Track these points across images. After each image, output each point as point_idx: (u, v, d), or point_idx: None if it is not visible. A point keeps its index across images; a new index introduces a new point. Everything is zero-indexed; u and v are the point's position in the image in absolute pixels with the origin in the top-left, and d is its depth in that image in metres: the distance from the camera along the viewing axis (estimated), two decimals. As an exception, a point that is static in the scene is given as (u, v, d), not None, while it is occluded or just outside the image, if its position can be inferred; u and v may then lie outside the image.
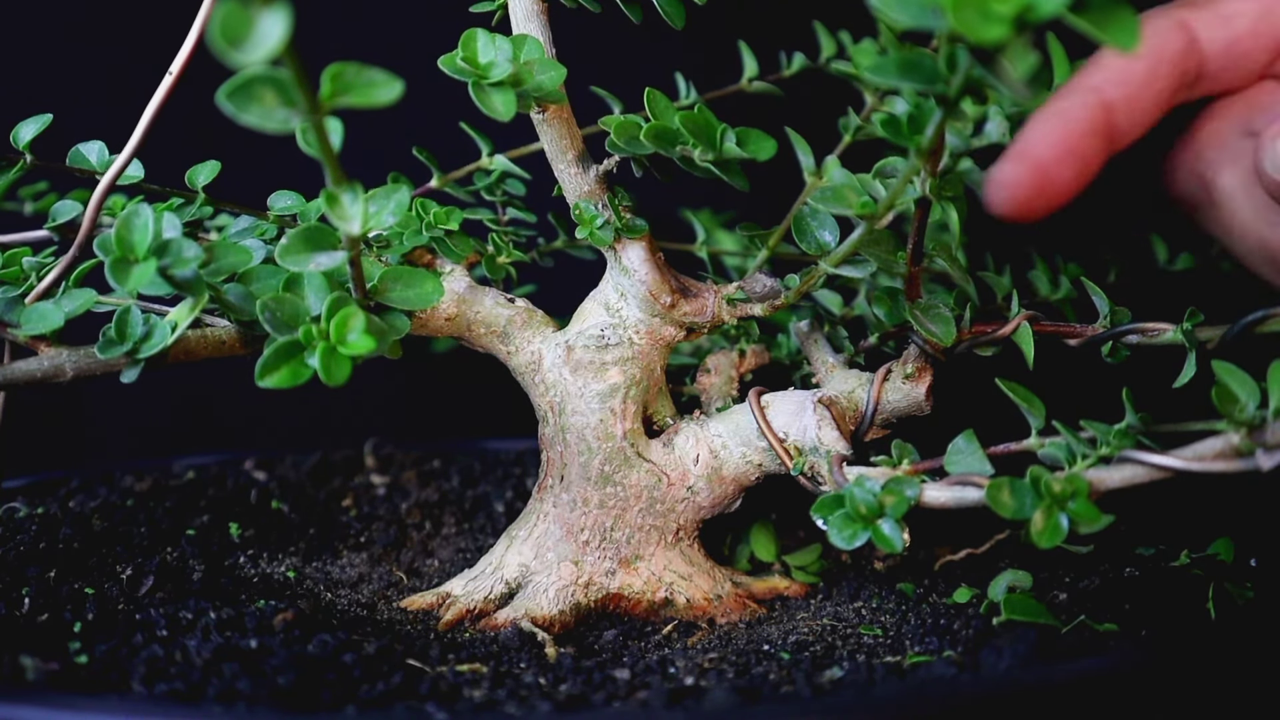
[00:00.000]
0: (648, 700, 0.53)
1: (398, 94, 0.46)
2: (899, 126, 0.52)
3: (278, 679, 0.52)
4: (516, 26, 0.63)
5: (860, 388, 0.66)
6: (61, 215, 0.67)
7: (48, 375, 0.57)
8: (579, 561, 0.67)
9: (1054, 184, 0.60)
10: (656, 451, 0.68)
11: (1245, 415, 0.50)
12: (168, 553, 0.71)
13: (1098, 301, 0.63)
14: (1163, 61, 0.62)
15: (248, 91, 0.44)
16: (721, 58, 0.82)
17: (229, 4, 0.41)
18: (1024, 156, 0.60)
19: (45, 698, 0.49)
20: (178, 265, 0.55)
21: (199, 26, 0.57)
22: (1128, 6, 0.41)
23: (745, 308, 0.67)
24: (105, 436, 1.17)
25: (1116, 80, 0.61)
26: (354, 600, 0.70)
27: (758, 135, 0.61)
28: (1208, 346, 0.60)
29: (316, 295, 0.55)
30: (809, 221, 0.63)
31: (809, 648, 0.61)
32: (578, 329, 0.68)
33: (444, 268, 0.69)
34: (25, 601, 0.61)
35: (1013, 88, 0.44)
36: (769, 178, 0.65)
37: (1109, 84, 0.61)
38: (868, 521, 0.55)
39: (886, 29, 0.68)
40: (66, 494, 0.82)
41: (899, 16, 0.42)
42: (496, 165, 0.76)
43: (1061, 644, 0.56)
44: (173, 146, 0.68)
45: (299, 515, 0.81)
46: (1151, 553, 0.70)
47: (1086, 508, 0.52)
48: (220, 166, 0.69)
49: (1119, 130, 0.62)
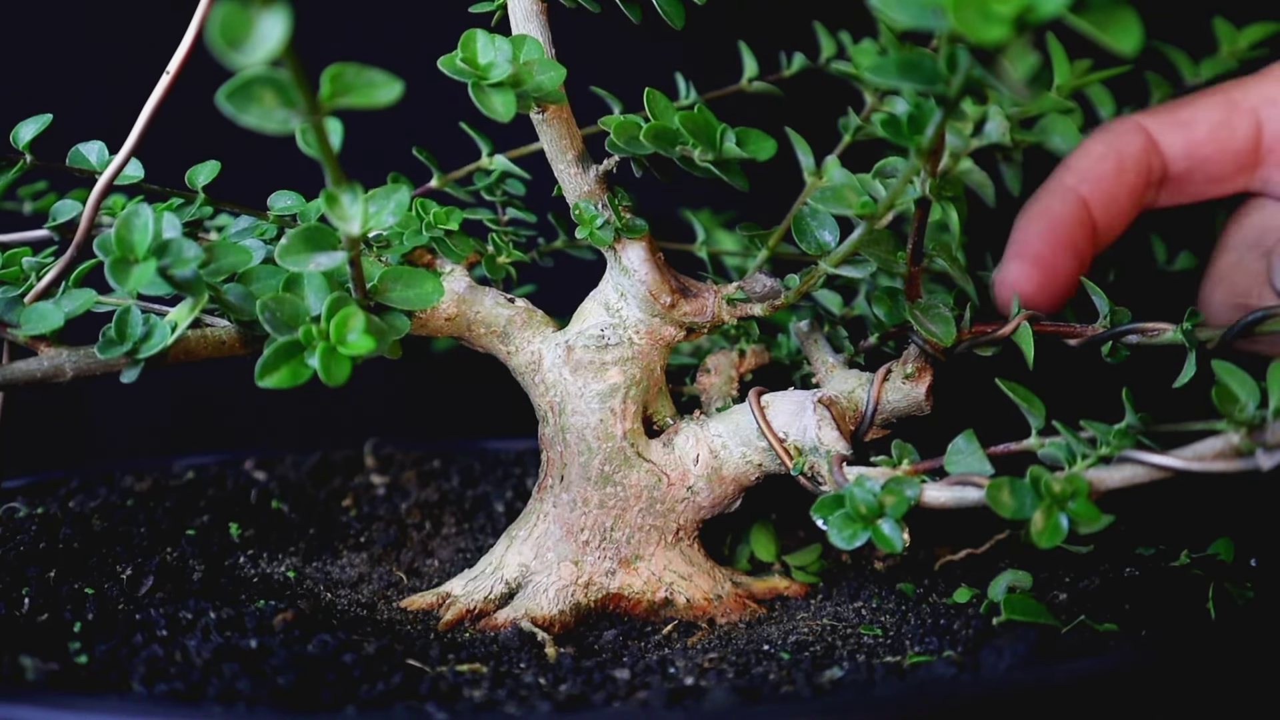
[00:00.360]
0: (648, 700, 0.53)
1: (398, 94, 0.46)
2: (899, 126, 0.52)
3: (278, 679, 0.52)
4: (516, 27, 0.63)
5: (860, 388, 0.66)
6: (61, 215, 0.67)
7: (48, 375, 0.57)
8: (579, 561, 0.67)
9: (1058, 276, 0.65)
10: (656, 451, 0.68)
11: (1245, 415, 0.50)
12: (168, 553, 0.71)
13: (1098, 301, 0.63)
14: (1125, 158, 0.67)
15: (247, 92, 0.44)
16: (721, 58, 0.82)
17: (228, 4, 0.40)
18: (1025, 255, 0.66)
19: (45, 698, 0.49)
20: (178, 265, 0.55)
21: (196, 25, 0.57)
22: (1128, 7, 0.41)
23: (745, 308, 0.67)
24: (105, 436, 1.17)
25: (1088, 179, 0.67)
26: (354, 600, 0.70)
27: (758, 135, 0.61)
28: (1208, 346, 0.60)
29: (316, 295, 0.55)
30: (809, 221, 0.63)
31: (809, 648, 0.61)
32: (578, 329, 0.68)
33: (444, 268, 0.69)
34: (25, 601, 0.61)
35: (1013, 88, 0.44)
36: (769, 178, 0.65)
37: (1083, 183, 0.67)
38: (868, 521, 0.55)
39: (886, 29, 0.68)
40: (66, 494, 0.82)
41: (899, 17, 0.42)
42: (496, 165, 0.76)
43: (1061, 644, 0.56)
44: (173, 146, 0.68)
45: (299, 515, 0.81)
46: (1151, 553, 0.70)
47: (1086, 508, 0.52)
48: (220, 166, 0.69)
49: (1100, 225, 0.67)
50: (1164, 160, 0.68)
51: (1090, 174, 0.67)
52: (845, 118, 0.69)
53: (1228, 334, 0.59)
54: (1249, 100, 0.68)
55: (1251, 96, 0.68)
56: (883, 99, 0.68)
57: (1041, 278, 0.65)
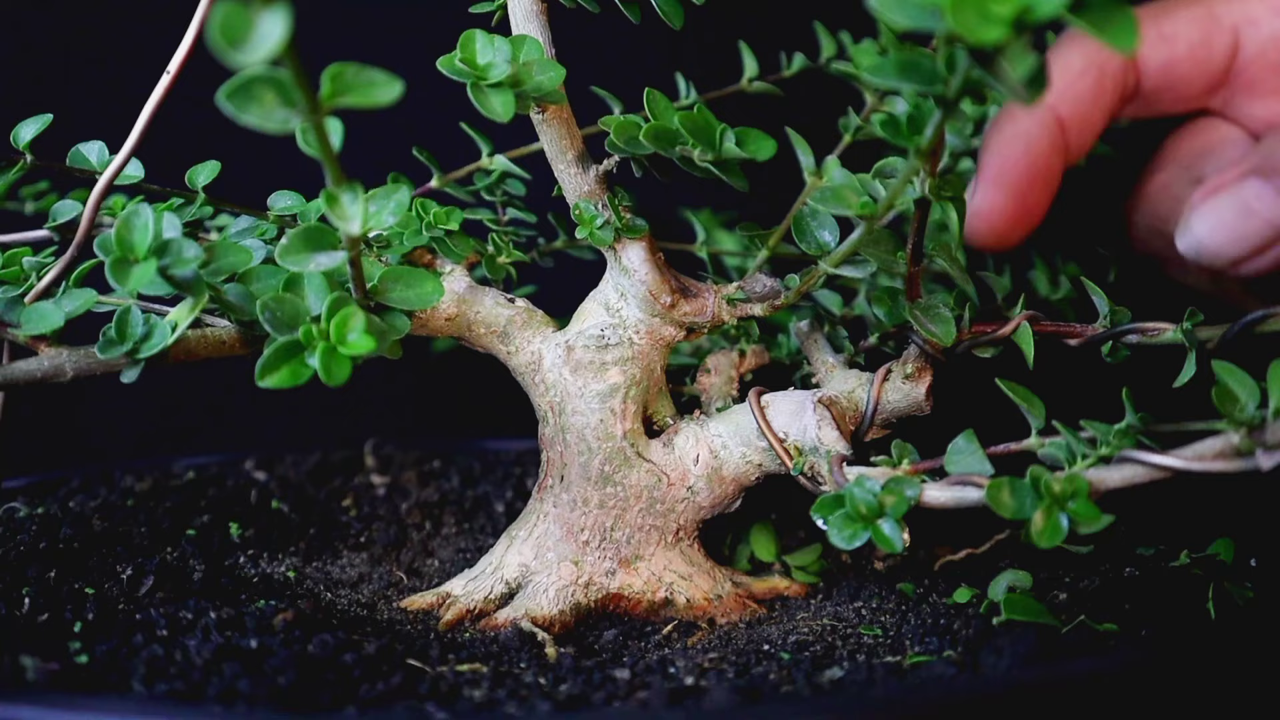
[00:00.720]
0: (648, 700, 0.53)
1: (398, 94, 0.46)
2: (899, 127, 0.52)
3: (278, 679, 0.52)
4: (516, 27, 0.63)
5: (860, 388, 0.66)
6: (61, 215, 0.67)
7: (48, 375, 0.57)
8: (579, 561, 0.67)
9: (1032, 206, 0.61)
10: (656, 451, 0.68)
11: (1245, 415, 0.50)
12: (168, 553, 0.71)
13: (1098, 301, 0.63)
14: (1106, 76, 0.63)
15: (248, 92, 0.44)
16: (721, 58, 0.82)
17: (229, 4, 0.41)
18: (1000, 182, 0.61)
19: (45, 698, 0.49)
20: (178, 265, 0.55)
21: (196, 25, 0.57)
22: (1127, 7, 0.41)
23: (745, 308, 0.67)
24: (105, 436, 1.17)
25: (1067, 97, 0.62)
26: (354, 600, 0.70)
27: (757, 135, 0.61)
28: (1208, 346, 0.60)
29: (316, 295, 0.55)
30: (809, 221, 0.63)
31: (809, 648, 0.61)
32: (578, 329, 0.68)
33: (444, 268, 0.69)
34: (25, 601, 0.61)
35: (1012, 89, 0.44)
36: (769, 178, 0.65)
37: (1061, 102, 0.62)
38: (868, 521, 0.55)
39: (886, 30, 0.68)
40: (66, 494, 0.82)
41: (898, 17, 0.42)
42: (496, 165, 0.76)
43: (1061, 644, 0.56)
44: (173, 146, 0.68)
45: (299, 515, 0.81)
46: (1151, 553, 0.70)
47: (1086, 507, 0.52)
48: (220, 166, 0.69)
49: (1072, 147, 0.63)
50: (1139, 75, 0.64)
51: (1069, 92, 0.62)
52: (845, 118, 0.69)
53: (1228, 334, 0.59)
54: (1230, 17, 0.64)
55: (1234, 14, 0.64)
56: (883, 99, 0.68)
57: (1016, 210, 0.61)
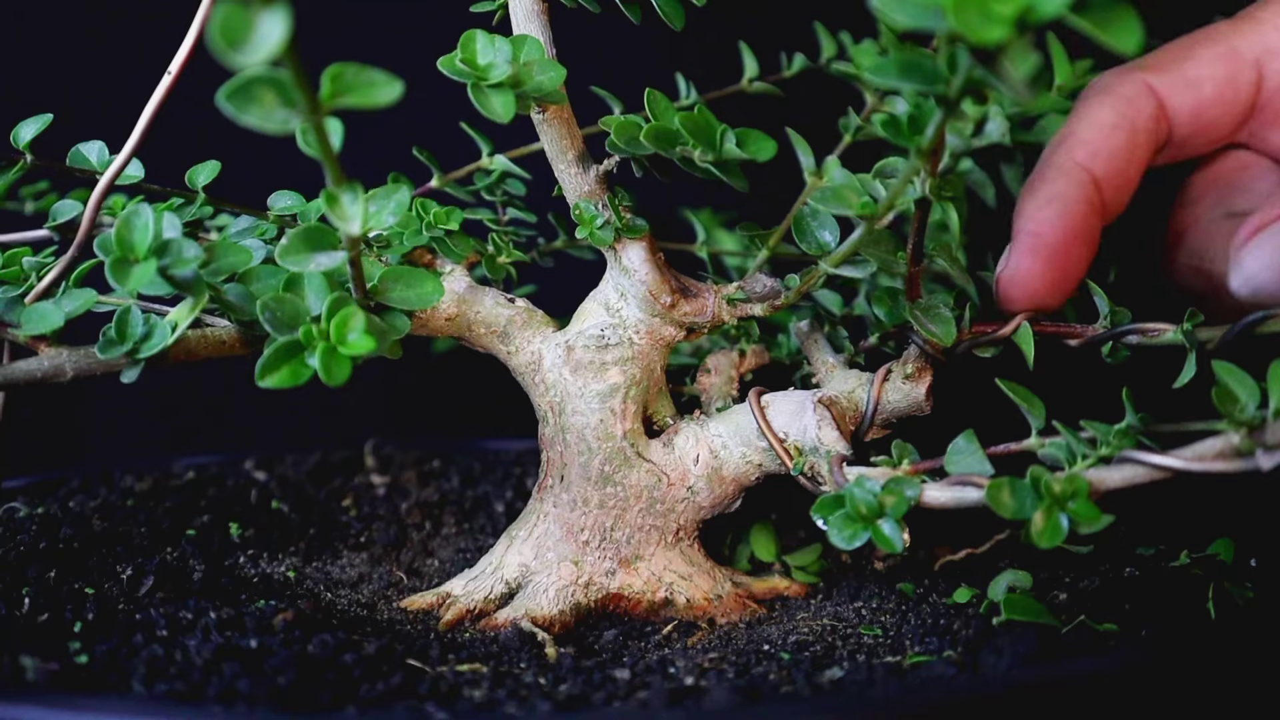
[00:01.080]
0: (648, 700, 0.53)
1: (398, 94, 0.46)
2: (899, 127, 0.52)
3: (278, 679, 0.52)
4: (517, 27, 0.63)
5: (860, 388, 0.66)
6: (61, 215, 0.67)
7: (48, 375, 0.57)
8: (579, 561, 0.67)
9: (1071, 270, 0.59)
10: (656, 451, 0.68)
11: (1245, 415, 0.50)
12: (168, 553, 0.71)
13: (1098, 301, 0.63)
14: (1138, 129, 0.61)
15: (248, 92, 0.44)
16: (721, 58, 0.82)
17: (229, 5, 0.40)
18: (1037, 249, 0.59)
19: (45, 698, 0.49)
20: (178, 265, 0.55)
21: (197, 26, 0.57)
22: (1129, 7, 0.41)
23: (745, 308, 0.67)
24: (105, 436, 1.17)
25: (1100, 155, 0.60)
26: (354, 600, 0.70)
27: (758, 135, 0.61)
28: (1208, 346, 0.60)
29: (316, 295, 0.55)
30: (809, 221, 0.63)
31: (809, 648, 0.61)
32: (578, 329, 0.68)
33: (444, 268, 0.69)
34: (25, 601, 0.61)
35: (1014, 89, 0.44)
36: (769, 178, 0.65)
37: (1095, 160, 0.60)
38: (868, 521, 0.55)
39: (887, 29, 0.68)
40: (66, 494, 0.82)
41: (899, 17, 0.42)
42: (496, 165, 0.76)
43: (1061, 644, 0.56)
44: (173, 146, 0.68)
45: (299, 515, 0.81)
46: (1151, 553, 0.70)
47: (1086, 508, 0.52)
48: (220, 166, 0.69)
49: (1109, 205, 0.61)
50: (1170, 124, 0.62)
51: (1103, 149, 0.60)
52: (845, 118, 0.69)
53: (1228, 334, 0.59)
54: (1252, 51, 0.63)
55: (1254, 47, 0.63)
56: (883, 99, 0.68)
57: (1055, 274, 0.59)
